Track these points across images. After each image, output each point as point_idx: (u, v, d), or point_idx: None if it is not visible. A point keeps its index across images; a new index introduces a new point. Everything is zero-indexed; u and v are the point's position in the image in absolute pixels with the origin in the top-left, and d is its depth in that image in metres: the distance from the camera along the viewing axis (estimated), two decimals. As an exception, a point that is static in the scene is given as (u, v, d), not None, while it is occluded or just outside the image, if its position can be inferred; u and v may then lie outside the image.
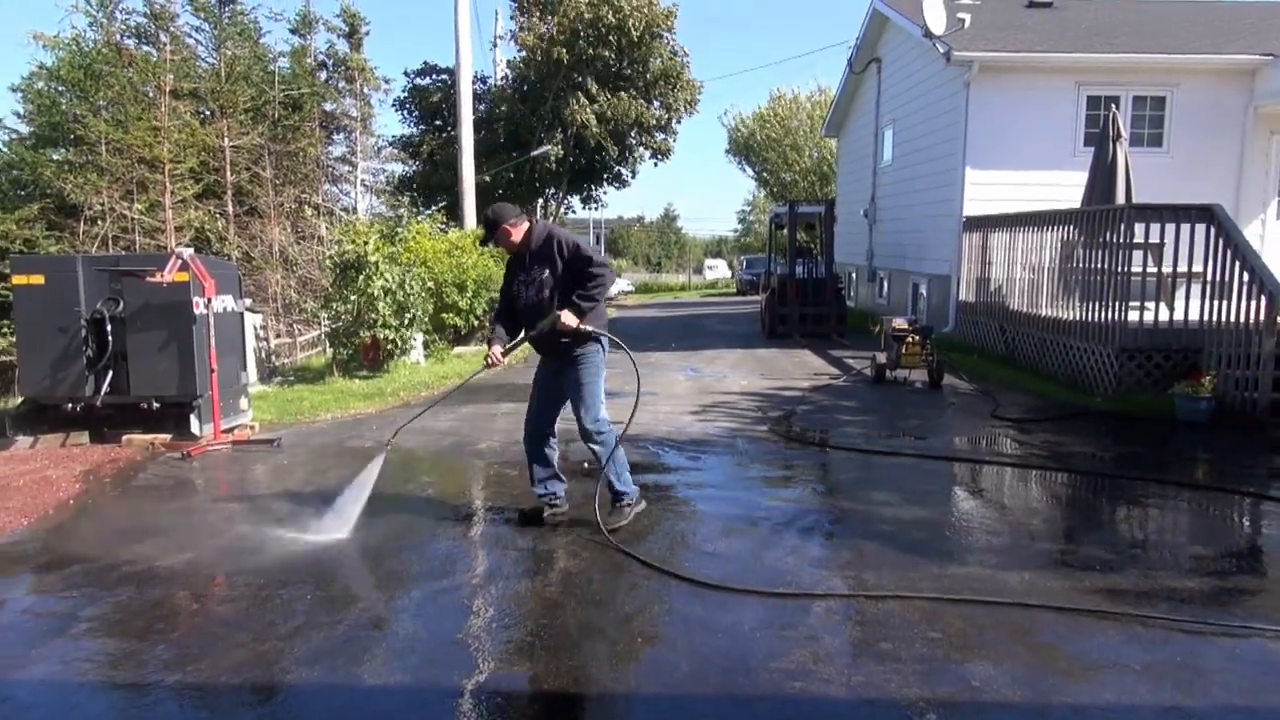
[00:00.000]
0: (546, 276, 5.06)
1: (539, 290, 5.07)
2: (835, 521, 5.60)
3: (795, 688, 3.41)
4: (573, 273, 5.01)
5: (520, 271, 5.20)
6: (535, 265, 5.11)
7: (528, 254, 5.15)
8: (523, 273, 5.17)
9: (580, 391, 5.18)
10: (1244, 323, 8.24)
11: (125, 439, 7.74)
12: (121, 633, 3.97)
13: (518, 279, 5.20)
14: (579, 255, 5.01)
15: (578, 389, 5.19)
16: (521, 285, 5.16)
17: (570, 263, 5.01)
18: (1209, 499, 6.13)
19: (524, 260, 5.18)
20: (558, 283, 5.04)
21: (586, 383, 5.18)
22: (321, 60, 26.43)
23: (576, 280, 4.99)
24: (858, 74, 20.04)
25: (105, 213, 16.19)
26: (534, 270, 5.11)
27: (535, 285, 5.09)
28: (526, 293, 5.13)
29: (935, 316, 14.79)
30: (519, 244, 5.17)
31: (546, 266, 5.06)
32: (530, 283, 5.11)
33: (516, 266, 5.25)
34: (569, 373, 5.20)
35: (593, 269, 4.99)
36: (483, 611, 4.17)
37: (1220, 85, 13.39)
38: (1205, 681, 3.43)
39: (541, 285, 5.06)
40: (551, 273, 5.05)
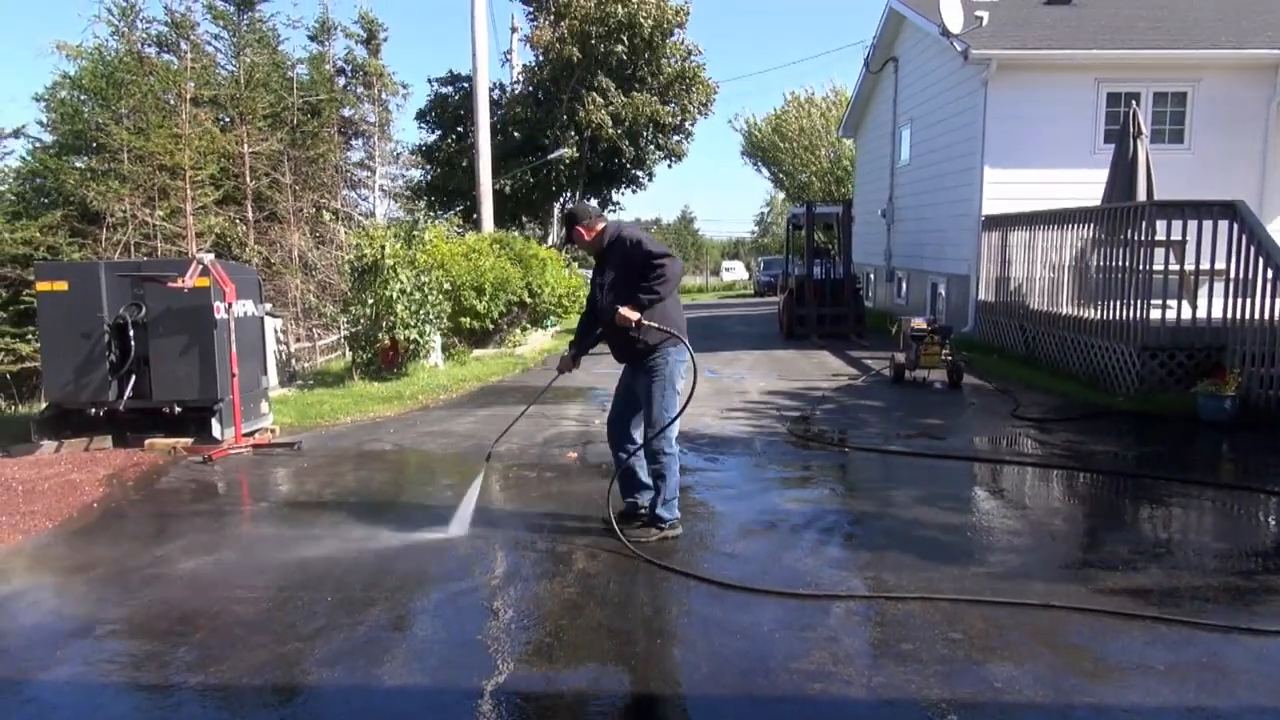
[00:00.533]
0: (614, 276, 4.99)
1: (609, 291, 4.99)
2: (854, 522, 5.57)
3: (815, 689, 3.40)
4: (635, 269, 4.85)
5: (597, 274, 5.17)
6: (606, 266, 5.07)
7: (603, 255, 5.12)
8: (599, 275, 5.14)
9: (649, 403, 5.06)
10: (1269, 320, 8.15)
11: (148, 443, 7.81)
12: (145, 634, 4.00)
13: (595, 281, 5.18)
14: (639, 249, 4.87)
15: (646, 399, 5.07)
16: (598, 288, 5.11)
17: (631, 258, 4.89)
18: (1233, 498, 6.07)
19: (600, 261, 5.16)
20: (621, 281, 4.93)
21: (655, 394, 5.04)
22: (340, 66, 26.61)
23: (640, 276, 4.82)
24: (874, 74, 19.96)
25: (127, 219, 16.35)
26: (606, 271, 5.07)
27: (605, 286, 5.04)
28: (600, 294, 5.07)
29: (954, 316, 14.70)
30: (592, 244, 5.14)
31: (613, 267, 5.02)
32: (602, 284, 5.07)
33: (596, 268, 5.23)
34: (640, 380, 5.10)
35: (653, 260, 4.79)
36: (502, 612, 4.18)
37: (1242, 81, 13.25)
38: (1230, 682, 3.39)
39: (609, 286, 5.00)
40: (616, 272, 4.98)
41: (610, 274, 5.01)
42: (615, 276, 4.97)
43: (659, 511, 5.15)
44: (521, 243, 16.57)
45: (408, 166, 29.94)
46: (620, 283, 4.92)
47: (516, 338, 15.73)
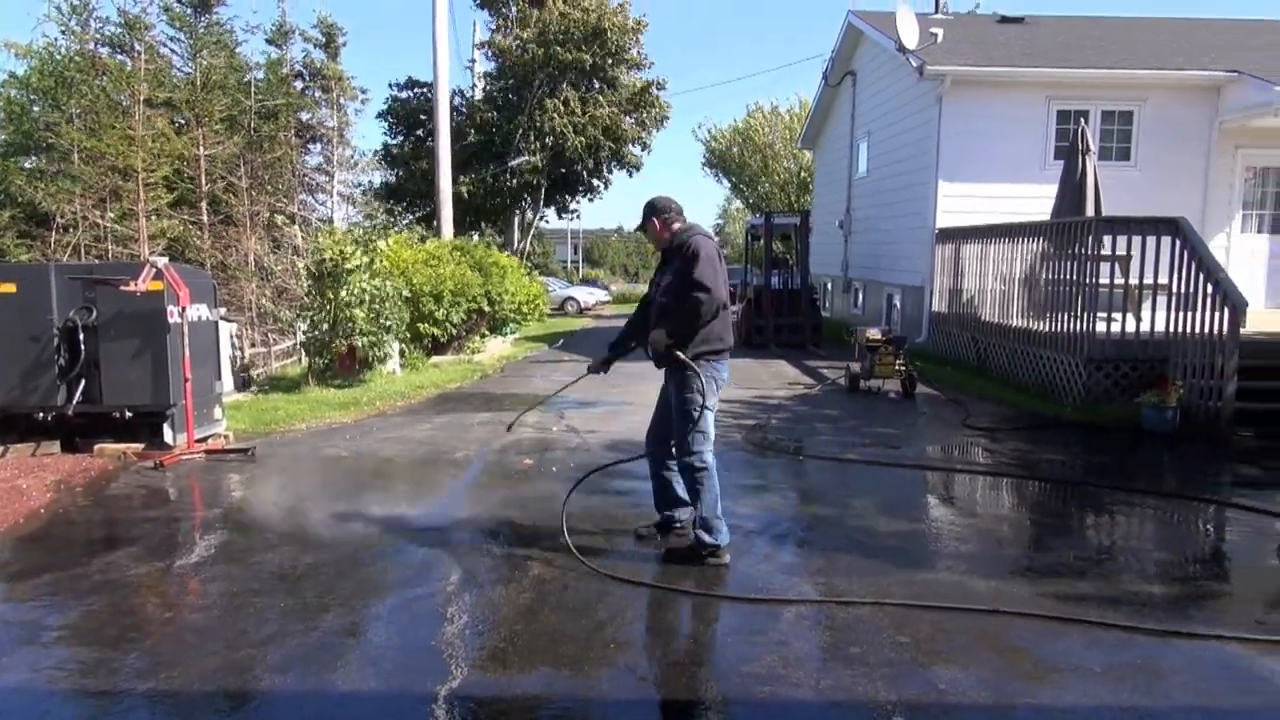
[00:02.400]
0: (667, 284, 4.92)
1: (664, 295, 4.94)
2: (807, 529, 5.67)
3: (765, 691, 3.46)
4: (680, 285, 4.76)
5: (658, 273, 5.14)
6: (667, 268, 4.99)
7: (666, 255, 5.05)
8: (659, 274, 5.10)
9: (680, 409, 4.90)
10: (1209, 334, 8.40)
11: (97, 448, 7.69)
12: (93, 641, 3.95)
13: (655, 280, 5.16)
14: (688, 271, 4.70)
15: (678, 406, 4.91)
16: (655, 287, 5.09)
17: (682, 275, 4.76)
18: (1172, 506, 6.25)
19: (663, 260, 5.09)
20: (671, 291, 4.86)
21: (685, 409, 4.86)
22: (298, 70, 26.36)
23: (679, 294, 4.76)
24: (833, 87, 20.24)
25: (78, 221, 16.06)
26: (665, 273, 5.00)
27: (662, 289, 4.98)
28: (656, 295, 5.04)
29: (909, 327, 14.93)
30: (660, 240, 5.06)
31: (672, 273, 4.90)
32: (659, 285, 5.03)
33: (658, 267, 5.19)
34: (671, 391, 4.99)
35: (691, 291, 4.68)
36: (457, 618, 4.19)
37: (1186, 101, 13.64)
38: (1164, 684, 3.52)
39: (665, 290, 4.93)
40: (671, 280, 4.89)
41: (668, 278, 4.93)
42: (669, 284, 4.90)
43: (700, 535, 4.89)
44: (482, 249, 16.53)
45: (366, 171, 29.72)
46: (670, 292, 4.88)
47: (475, 345, 15.68)
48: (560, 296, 32.95)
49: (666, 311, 4.85)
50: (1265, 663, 3.66)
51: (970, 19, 20.18)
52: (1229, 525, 5.91)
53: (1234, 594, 4.73)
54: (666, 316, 4.83)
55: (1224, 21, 18.17)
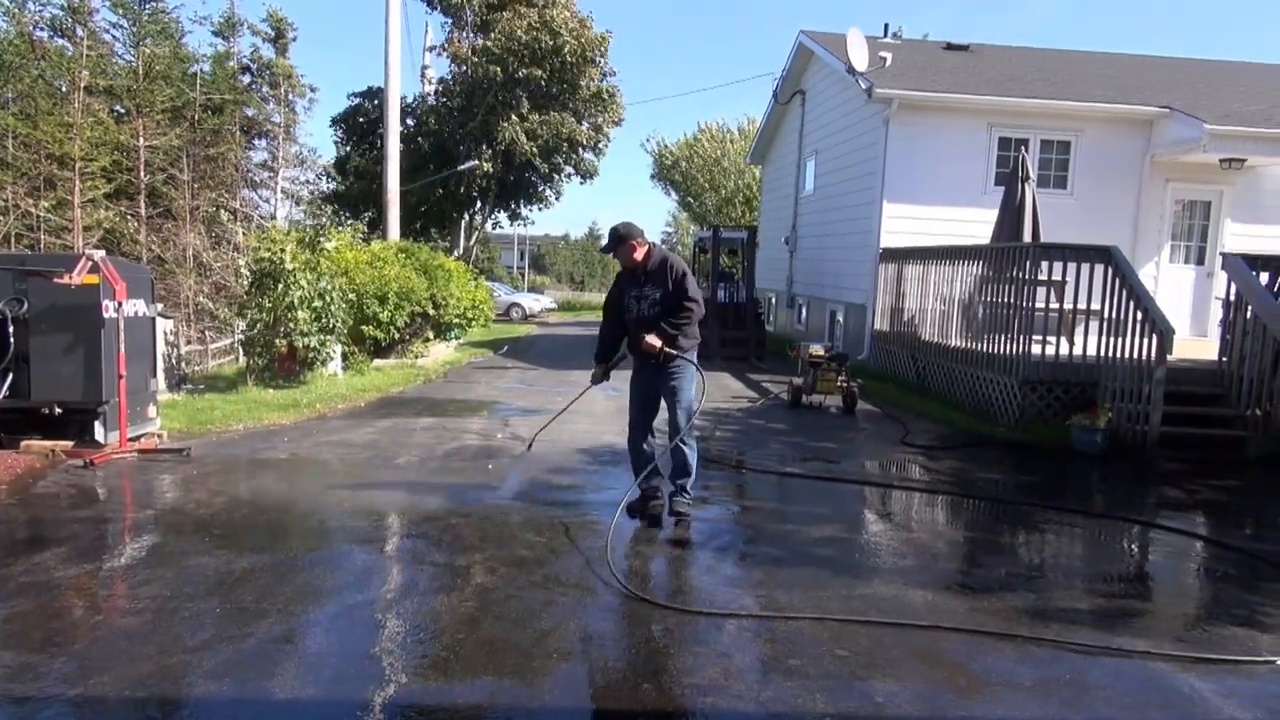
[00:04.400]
0: (660, 296, 5.67)
1: (651, 306, 5.69)
2: (749, 541, 5.74)
3: (706, 702, 3.50)
4: (672, 299, 5.64)
5: (633, 287, 5.79)
6: (649, 284, 5.71)
7: (642, 273, 5.73)
8: (635, 289, 5.77)
9: (676, 395, 5.77)
10: (1137, 359, 8.70)
11: (24, 445, 7.44)
12: (19, 645, 3.83)
13: (630, 294, 5.80)
14: (681, 287, 5.64)
15: (673, 394, 5.77)
16: (634, 300, 5.76)
17: (675, 290, 5.64)
18: (1101, 526, 6.46)
19: (637, 277, 5.76)
20: (662, 303, 5.66)
21: (687, 398, 5.79)
22: (245, 64, 25.87)
23: (676, 307, 5.63)
24: (783, 105, 20.51)
25: (9, 209, 15.54)
26: (647, 288, 5.72)
27: (649, 301, 5.71)
28: (639, 307, 5.74)
29: (851, 344, 15.17)
30: (639, 262, 5.72)
31: (660, 288, 5.67)
32: (644, 298, 5.72)
33: (628, 283, 5.83)
34: (665, 386, 5.80)
35: (686, 301, 5.63)
36: (397, 626, 4.16)
37: (1121, 133, 14.11)
38: (1090, 698, 3.63)
39: (655, 302, 5.68)
40: (662, 292, 5.66)
41: (656, 292, 5.69)
42: (661, 296, 5.67)
43: (684, 500, 5.87)
44: (427, 253, 16.39)
45: (314, 172, 29.26)
46: (661, 304, 5.67)
47: (419, 349, 15.54)
48: (506, 302, 32.80)
49: (655, 320, 5.65)
50: (1185, 678, 3.80)
51: (918, 45, 20.61)
52: (1152, 545, 6.12)
53: (1156, 611, 4.89)
54: (657, 323, 5.63)
55: (1160, 59, 18.85)
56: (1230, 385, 9.21)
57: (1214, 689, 3.71)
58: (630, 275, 5.83)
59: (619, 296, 5.91)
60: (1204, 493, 7.56)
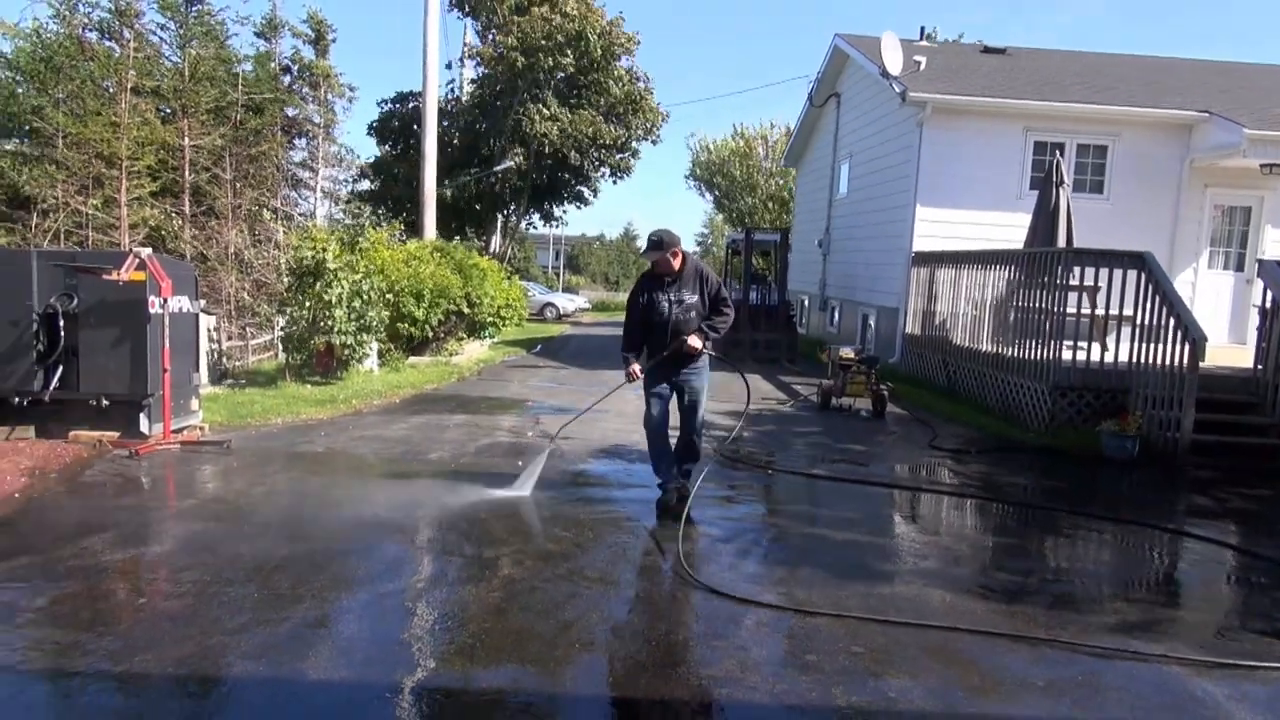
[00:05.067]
0: (695, 301, 6.04)
1: (685, 311, 6.02)
2: (773, 540, 5.82)
3: (722, 693, 3.60)
4: (709, 304, 6.07)
5: (660, 291, 6.06)
6: (683, 289, 6.04)
7: (675, 279, 6.05)
8: (662, 292, 6.05)
9: (698, 398, 6.20)
10: (1170, 366, 8.65)
11: (72, 435, 7.71)
12: (67, 624, 4.03)
13: (658, 296, 6.06)
14: (719, 295, 6.10)
15: (696, 395, 6.19)
16: (667, 303, 6.04)
17: (713, 298, 6.08)
18: (1127, 532, 6.45)
19: (663, 282, 6.06)
20: (697, 308, 6.04)
21: (703, 391, 6.23)
22: (286, 65, 26.32)
23: (712, 311, 6.08)
24: (818, 108, 20.51)
25: (59, 207, 15.98)
26: (682, 293, 6.04)
27: (683, 306, 6.03)
28: (672, 310, 6.02)
29: (883, 347, 15.16)
30: (676, 269, 6.04)
31: (695, 293, 6.04)
32: (678, 303, 6.03)
33: (655, 286, 6.09)
34: (689, 383, 6.16)
35: (725, 308, 6.12)
36: (426, 614, 4.31)
37: (1159, 138, 13.98)
38: (1101, 699, 3.68)
39: (689, 307, 6.03)
40: (700, 299, 6.05)
41: (691, 298, 6.04)
42: (697, 301, 6.04)
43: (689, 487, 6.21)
44: (462, 252, 16.60)
45: (351, 171, 29.69)
46: (696, 308, 6.04)
47: (453, 347, 15.76)
48: (540, 302, 33.04)
49: (693, 322, 6.02)
50: (1200, 683, 3.84)
51: (954, 48, 20.53)
52: (1177, 552, 6.12)
53: (1177, 617, 4.91)
54: (697, 326, 6.01)
55: (1200, 62, 18.59)
56: (1265, 394, 9.12)
57: (1227, 693, 3.74)
58: (657, 280, 6.09)
59: (648, 299, 6.09)
60: (1234, 501, 7.51)
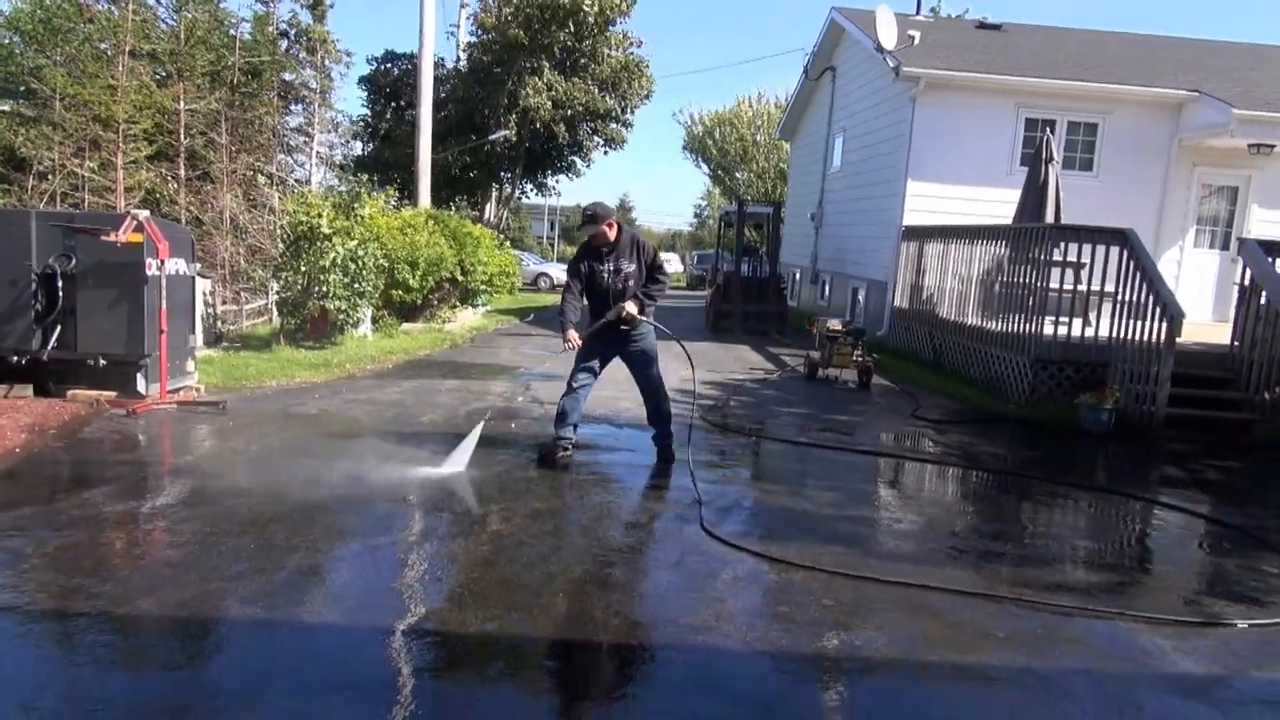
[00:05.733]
0: (633, 269, 6.28)
1: (624, 281, 6.26)
2: (755, 503, 6.01)
3: (697, 640, 3.79)
4: (647, 274, 6.33)
5: (598, 261, 6.30)
6: (620, 259, 6.28)
7: (611, 249, 6.28)
8: (600, 262, 6.29)
9: (648, 360, 6.52)
10: (1148, 341, 8.83)
11: (70, 394, 7.86)
12: (72, 570, 4.20)
13: (597, 267, 6.30)
14: (655, 263, 6.39)
15: (646, 359, 6.51)
16: (604, 273, 6.28)
17: (649, 266, 6.35)
18: (1096, 499, 6.67)
19: (601, 253, 6.29)
20: (635, 276, 6.28)
21: (653, 350, 6.54)
22: (283, 29, 26.17)
23: (649, 280, 6.35)
24: (813, 81, 20.54)
25: (55, 169, 15.99)
26: (619, 262, 6.28)
27: (621, 276, 6.27)
28: (610, 280, 6.28)
29: (871, 321, 15.33)
30: (611, 239, 6.27)
31: (631, 262, 6.28)
32: (616, 272, 6.27)
33: (592, 256, 6.33)
34: (637, 347, 6.46)
35: (661, 276, 6.42)
36: (417, 564, 4.49)
37: (1149, 116, 14.09)
38: (1057, 650, 3.89)
39: (627, 277, 6.27)
40: (636, 268, 6.29)
41: (628, 267, 6.27)
42: (634, 270, 6.28)
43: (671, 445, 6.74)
44: (456, 220, 16.70)
45: (347, 137, 29.64)
46: (634, 276, 6.28)
47: (446, 314, 15.89)
48: (534, 272, 33.13)
49: (629, 291, 6.25)
50: (1150, 638, 4.04)
51: (949, 23, 20.55)
52: (1144, 519, 6.33)
53: (1139, 580, 5.13)
54: (633, 293, 6.24)
55: (1189, 40, 18.64)
56: (1241, 370, 9.32)
57: (1175, 646, 3.95)
58: (595, 251, 6.33)
59: (588, 269, 6.34)
60: (1204, 472, 7.73)
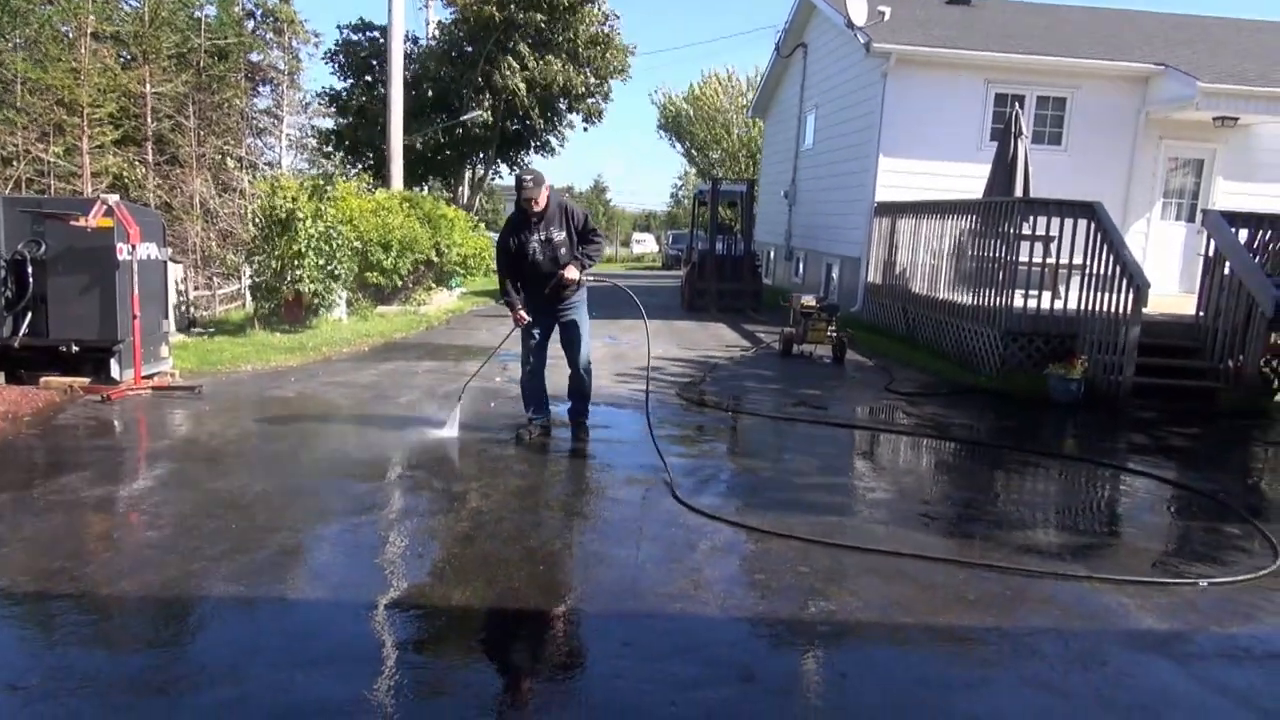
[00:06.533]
0: (563, 238, 6.08)
1: (555, 249, 6.08)
2: (731, 475, 6.10)
3: (676, 608, 3.88)
4: (580, 237, 6.16)
5: (528, 232, 6.08)
6: (550, 227, 6.07)
7: (539, 218, 6.06)
8: (529, 232, 6.07)
9: (579, 331, 6.40)
10: (1115, 312, 8.99)
11: (43, 381, 7.80)
12: (53, 553, 4.21)
13: (528, 238, 6.08)
14: (587, 225, 6.20)
15: (577, 330, 6.38)
16: (536, 244, 6.08)
17: (580, 230, 6.15)
18: (1064, 467, 6.82)
19: (530, 224, 6.07)
20: (567, 243, 6.10)
21: (584, 324, 6.43)
22: (249, 9, 25.86)
23: (583, 242, 6.17)
24: (785, 58, 20.55)
25: (20, 155, 15.78)
26: (549, 231, 6.07)
27: (551, 245, 6.08)
28: (542, 250, 6.09)
29: (845, 297, 15.44)
30: (543, 206, 6.03)
31: (560, 230, 6.08)
32: (546, 242, 6.08)
33: (523, 229, 6.09)
34: (569, 315, 6.34)
35: (596, 237, 6.26)
36: (398, 541, 4.54)
37: (1117, 90, 14.24)
38: (1024, 609, 4.01)
39: (557, 245, 6.08)
40: (567, 235, 6.09)
41: (558, 235, 6.08)
42: (564, 239, 6.09)
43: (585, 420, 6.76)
44: (430, 202, 16.63)
45: (316, 116, 29.33)
46: (565, 244, 6.09)
47: (422, 296, 15.86)
48: (509, 253, 32.93)
49: (562, 259, 6.12)
50: (1114, 597, 4.17)
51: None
52: (1110, 485, 6.47)
53: (1106, 543, 5.26)
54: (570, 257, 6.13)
55: (1155, 14, 18.85)
56: (1206, 339, 9.51)
57: (1137, 604, 4.08)
58: (524, 223, 6.11)
59: (517, 243, 6.13)
60: (1170, 439, 7.90)
